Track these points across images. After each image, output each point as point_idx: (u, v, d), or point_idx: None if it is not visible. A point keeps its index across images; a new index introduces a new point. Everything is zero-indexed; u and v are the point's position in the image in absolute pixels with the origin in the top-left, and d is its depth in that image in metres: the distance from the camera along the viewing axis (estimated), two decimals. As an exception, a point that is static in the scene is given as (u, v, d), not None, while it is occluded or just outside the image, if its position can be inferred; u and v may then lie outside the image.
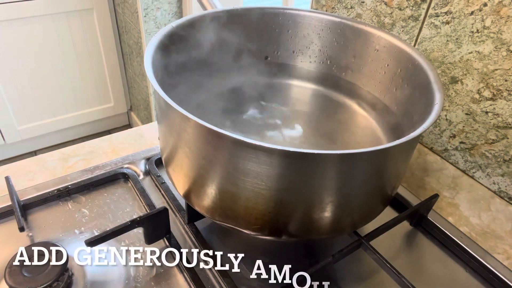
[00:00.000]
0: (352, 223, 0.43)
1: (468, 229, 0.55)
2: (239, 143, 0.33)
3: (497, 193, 0.54)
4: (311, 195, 0.38)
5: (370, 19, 0.64)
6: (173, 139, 0.41)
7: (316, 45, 0.60)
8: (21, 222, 0.47)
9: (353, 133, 0.56)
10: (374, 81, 0.56)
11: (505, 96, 0.49)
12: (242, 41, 0.58)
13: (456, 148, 0.56)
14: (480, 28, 0.49)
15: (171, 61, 0.50)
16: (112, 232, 0.44)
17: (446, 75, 0.55)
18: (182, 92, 0.54)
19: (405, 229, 0.56)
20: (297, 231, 0.41)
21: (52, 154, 0.62)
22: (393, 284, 0.46)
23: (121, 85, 1.95)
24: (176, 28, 0.50)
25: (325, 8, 0.73)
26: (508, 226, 0.53)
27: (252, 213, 0.39)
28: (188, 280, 0.46)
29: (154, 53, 0.44)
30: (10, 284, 0.40)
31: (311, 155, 0.33)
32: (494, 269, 0.49)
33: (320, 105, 0.61)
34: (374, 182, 0.40)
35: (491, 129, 0.52)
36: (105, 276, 0.46)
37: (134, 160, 0.62)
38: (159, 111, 0.42)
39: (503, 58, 0.48)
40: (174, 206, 0.54)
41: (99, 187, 0.57)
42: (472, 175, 0.56)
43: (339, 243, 0.51)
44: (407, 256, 0.52)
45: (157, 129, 0.66)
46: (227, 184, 0.38)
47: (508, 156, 0.51)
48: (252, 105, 0.59)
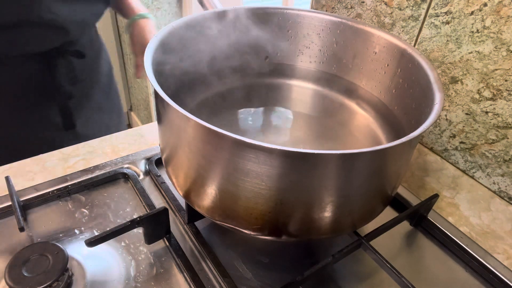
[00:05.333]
0: (352, 223, 0.43)
1: (468, 229, 0.55)
2: (239, 143, 0.33)
3: (497, 193, 0.54)
4: (311, 195, 0.38)
5: (370, 19, 0.64)
6: (173, 139, 0.41)
7: (316, 45, 0.60)
8: (21, 222, 0.47)
9: (353, 133, 0.56)
10: (374, 81, 0.56)
11: (505, 96, 0.49)
12: (242, 41, 0.58)
13: (456, 148, 0.56)
14: (480, 28, 0.49)
15: (171, 61, 0.50)
16: (112, 232, 0.44)
17: (446, 75, 0.55)
18: (182, 92, 0.54)
19: (405, 229, 0.56)
20: (297, 231, 0.41)
21: (52, 154, 0.62)
22: (393, 284, 0.46)
23: (121, 85, 1.95)
24: (176, 28, 0.50)
25: (325, 8, 0.73)
26: (508, 226, 0.53)
27: (252, 213, 0.39)
28: (188, 280, 0.46)
29: (154, 53, 0.44)
30: (10, 284, 0.40)
31: (311, 155, 0.33)
32: (494, 269, 0.49)
33: (320, 105, 0.61)
34: (374, 182, 0.40)
35: (491, 129, 0.52)
36: (105, 276, 0.46)
37: (134, 160, 0.62)
38: (159, 111, 0.42)
39: (503, 58, 0.48)
40: (174, 206, 0.54)
41: (99, 187, 0.57)
42: (472, 175, 0.56)
43: (339, 243, 0.51)
44: (407, 256, 0.52)
45: (157, 129, 0.66)
46: (227, 184, 0.38)
47: (508, 156, 0.51)
48: (252, 105, 0.59)
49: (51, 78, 0.71)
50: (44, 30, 0.66)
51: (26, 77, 0.69)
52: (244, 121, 0.56)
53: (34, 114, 0.73)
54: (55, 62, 0.70)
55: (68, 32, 0.69)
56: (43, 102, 0.73)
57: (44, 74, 0.70)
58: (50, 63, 0.70)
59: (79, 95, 0.77)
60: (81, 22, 0.72)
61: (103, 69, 0.85)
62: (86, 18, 0.73)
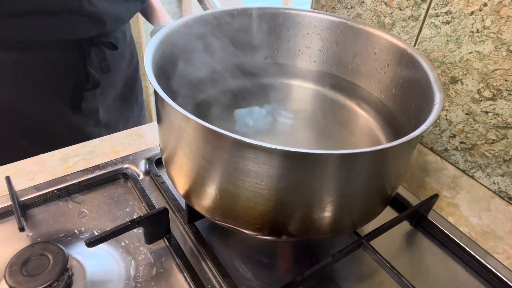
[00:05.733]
0: (352, 223, 0.43)
1: (468, 229, 0.55)
2: (239, 143, 0.33)
3: (497, 193, 0.54)
4: (311, 195, 0.38)
5: (370, 19, 0.64)
6: (173, 139, 0.41)
7: (316, 45, 0.60)
8: (21, 222, 0.47)
9: (353, 133, 0.56)
10: (374, 81, 0.56)
11: (505, 96, 0.49)
12: (242, 41, 0.58)
13: (456, 148, 0.56)
14: (480, 28, 0.50)
15: (171, 61, 0.50)
16: (112, 232, 0.44)
17: (446, 75, 0.55)
18: (182, 92, 0.54)
19: (405, 229, 0.56)
20: (297, 231, 0.41)
21: (52, 154, 0.62)
22: (393, 284, 0.46)
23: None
24: (176, 28, 0.50)
25: (325, 8, 0.73)
26: (508, 226, 0.53)
27: (252, 213, 0.39)
28: (188, 280, 0.46)
29: (154, 53, 0.44)
30: (10, 284, 0.40)
31: (311, 155, 0.33)
32: (494, 269, 0.49)
33: (320, 105, 0.61)
34: (374, 182, 0.40)
35: (491, 129, 0.52)
36: (105, 276, 0.46)
37: (134, 160, 0.62)
38: (159, 111, 0.42)
39: (503, 58, 0.48)
40: (174, 206, 0.54)
41: (99, 187, 0.57)
42: (472, 175, 0.56)
43: (339, 243, 0.51)
44: (407, 256, 0.52)
45: (157, 129, 0.66)
46: (227, 184, 0.38)
47: (508, 156, 0.51)
48: (252, 105, 0.59)
49: (83, 65, 0.74)
50: (82, 19, 0.70)
51: (58, 62, 0.73)
52: (244, 121, 0.56)
53: (60, 98, 0.76)
54: (88, 50, 0.74)
55: (105, 24, 0.73)
56: (71, 87, 0.76)
57: (77, 61, 0.74)
58: (84, 51, 0.73)
59: (106, 84, 0.81)
60: (117, 16, 0.75)
61: (131, 63, 0.89)
62: (122, 14, 0.77)
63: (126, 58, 0.87)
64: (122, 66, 0.86)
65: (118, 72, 0.84)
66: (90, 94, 0.79)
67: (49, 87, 0.74)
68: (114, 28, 0.78)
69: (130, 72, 0.90)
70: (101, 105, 0.83)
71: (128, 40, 0.87)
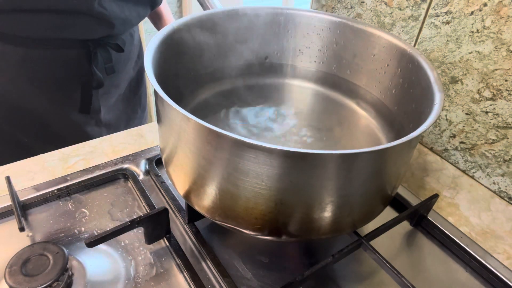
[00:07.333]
0: (352, 223, 0.43)
1: (468, 229, 0.55)
2: (239, 143, 0.33)
3: (497, 193, 0.54)
4: (311, 195, 0.38)
5: (370, 19, 0.64)
6: (173, 139, 0.41)
7: (316, 45, 0.60)
8: (21, 222, 0.47)
9: (353, 133, 0.56)
10: (374, 81, 0.56)
11: (505, 96, 0.49)
12: (242, 41, 0.58)
13: (456, 148, 0.56)
14: (480, 28, 0.50)
15: (171, 61, 0.50)
16: (112, 232, 0.44)
17: (446, 75, 0.55)
18: (182, 92, 0.55)
19: (405, 229, 0.56)
20: (297, 231, 0.41)
21: (52, 154, 0.62)
22: (393, 284, 0.46)
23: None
24: (176, 28, 0.50)
25: (325, 8, 0.73)
26: (508, 226, 0.53)
27: (252, 213, 0.39)
28: (188, 280, 0.46)
29: (154, 53, 0.44)
30: (10, 284, 0.40)
31: (311, 155, 0.33)
32: (494, 269, 0.49)
33: (320, 105, 0.61)
34: (374, 182, 0.40)
35: (491, 129, 0.52)
36: (105, 276, 0.46)
37: (134, 160, 0.62)
38: (159, 111, 0.42)
39: (503, 58, 0.48)
40: (174, 206, 0.54)
41: (99, 187, 0.57)
42: (472, 175, 0.56)
43: (339, 243, 0.51)
44: (407, 256, 0.52)
45: (157, 129, 0.66)
46: (227, 184, 0.38)
47: (508, 156, 0.51)
48: (252, 105, 0.59)
49: (88, 65, 0.75)
50: (91, 21, 0.70)
51: (64, 60, 0.73)
52: (244, 121, 0.56)
53: (63, 95, 0.77)
54: (95, 51, 0.75)
55: (113, 27, 0.74)
56: (74, 85, 0.77)
57: (82, 60, 0.75)
58: (90, 52, 0.74)
59: (109, 84, 0.82)
60: (126, 19, 0.76)
61: (137, 66, 0.90)
62: (131, 17, 0.77)
63: (132, 60, 0.87)
64: (127, 68, 0.86)
65: (122, 74, 0.85)
66: (93, 94, 0.79)
67: (53, 84, 0.75)
68: (122, 31, 0.78)
69: (135, 74, 0.90)
70: (104, 105, 0.83)
71: (136, 43, 0.87)
